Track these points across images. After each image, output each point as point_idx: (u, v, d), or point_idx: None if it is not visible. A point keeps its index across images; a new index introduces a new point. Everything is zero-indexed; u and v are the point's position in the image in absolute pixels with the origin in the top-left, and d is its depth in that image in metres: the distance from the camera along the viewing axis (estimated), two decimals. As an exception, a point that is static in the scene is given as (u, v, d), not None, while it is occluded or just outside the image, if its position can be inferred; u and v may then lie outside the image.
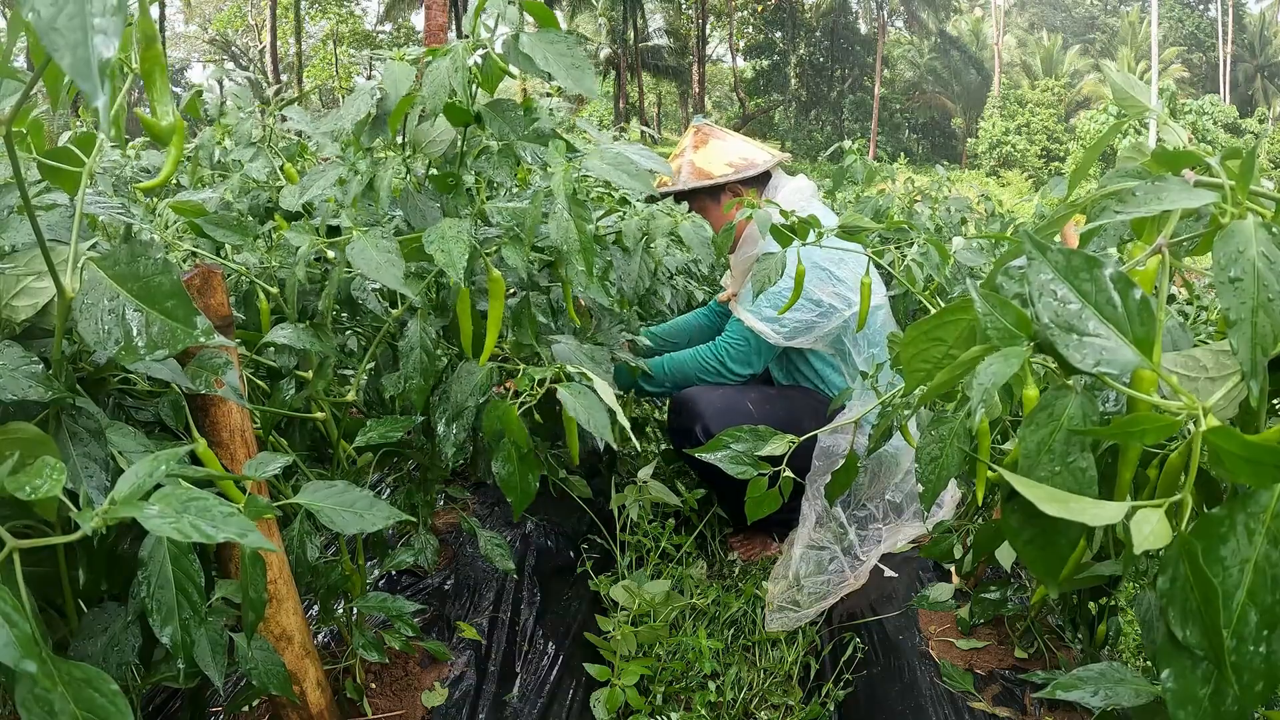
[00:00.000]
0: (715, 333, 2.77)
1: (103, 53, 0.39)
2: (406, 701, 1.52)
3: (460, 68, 1.16)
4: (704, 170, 2.34)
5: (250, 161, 1.68)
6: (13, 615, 0.57)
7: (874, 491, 2.17)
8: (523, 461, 1.23)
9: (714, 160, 2.35)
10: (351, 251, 1.13)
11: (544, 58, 1.13)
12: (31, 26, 0.38)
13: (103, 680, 0.63)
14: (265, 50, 29.64)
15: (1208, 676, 0.60)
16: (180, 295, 0.75)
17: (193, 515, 0.61)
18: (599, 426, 1.15)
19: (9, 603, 0.57)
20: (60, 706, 0.61)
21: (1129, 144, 0.95)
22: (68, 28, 0.39)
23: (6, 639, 0.56)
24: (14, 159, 0.68)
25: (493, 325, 1.33)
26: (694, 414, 2.23)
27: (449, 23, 16.99)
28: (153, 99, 0.73)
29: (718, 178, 2.32)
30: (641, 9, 34.95)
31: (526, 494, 1.25)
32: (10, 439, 0.72)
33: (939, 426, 0.96)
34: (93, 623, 0.91)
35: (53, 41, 0.39)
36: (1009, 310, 0.69)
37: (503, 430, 1.21)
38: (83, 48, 0.39)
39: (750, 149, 2.39)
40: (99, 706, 0.63)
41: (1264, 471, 0.58)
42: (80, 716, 0.62)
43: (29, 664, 0.57)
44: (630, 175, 1.23)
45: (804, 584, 2.03)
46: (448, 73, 1.16)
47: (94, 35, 0.39)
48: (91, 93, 0.39)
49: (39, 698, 0.61)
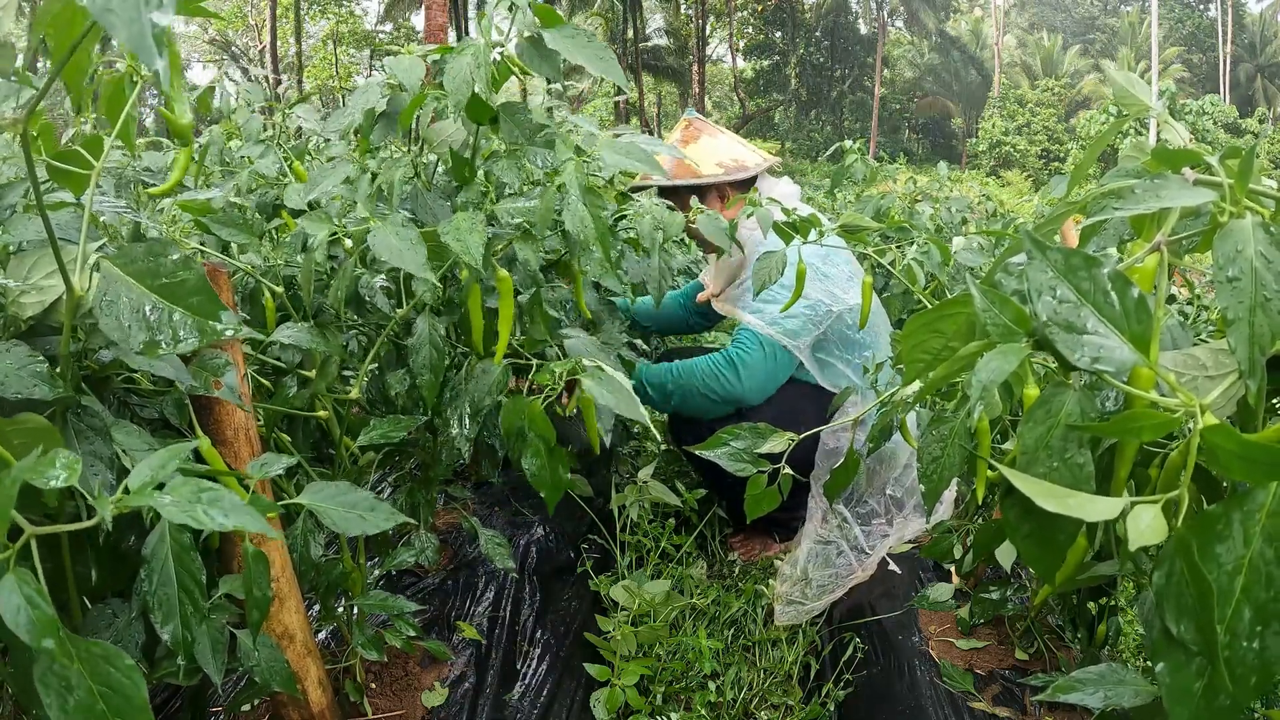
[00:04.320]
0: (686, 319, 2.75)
1: (158, 22, 0.42)
2: (407, 701, 1.53)
3: (484, 64, 1.18)
4: (691, 168, 2.26)
5: (260, 159, 1.68)
6: (34, 597, 0.60)
7: (874, 488, 2.17)
8: (551, 455, 1.24)
9: (703, 158, 2.28)
10: (373, 239, 1.14)
11: (570, 51, 1.16)
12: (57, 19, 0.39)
13: (119, 657, 0.66)
14: (265, 50, 29.65)
15: (1202, 671, 0.61)
16: (206, 290, 0.76)
17: (205, 504, 0.63)
18: (631, 410, 1.16)
19: (31, 585, 0.60)
20: (77, 682, 0.64)
21: (1130, 143, 0.95)
22: (122, 6, 0.42)
23: (29, 619, 0.59)
24: (29, 160, 0.70)
25: (504, 323, 1.34)
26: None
27: (449, 22, 17.00)
28: (170, 98, 0.75)
29: (706, 177, 2.25)
30: (641, 9, 34.97)
31: (558, 487, 1.26)
32: (19, 429, 0.73)
33: (940, 426, 0.97)
34: (97, 619, 0.92)
35: (109, 21, 0.42)
36: (1008, 306, 0.69)
37: (524, 427, 1.22)
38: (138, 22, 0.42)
39: (742, 150, 2.34)
40: (115, 681, 0.65)
41: (1260, 470, 0.58)
42: (97, 691, 0.65)
43: (48, 641, 0.60)
44: (641, 160, 1.24)
45: (812, 578, 2.03)
46: (470, 69, 1.17)
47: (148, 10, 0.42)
48: (149, 61, 0.42)
49: (57, 674, 0.64)
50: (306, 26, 33.04)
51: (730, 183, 2.29)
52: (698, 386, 2.14)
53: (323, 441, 1.51)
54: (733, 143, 2.37)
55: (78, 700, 0.64)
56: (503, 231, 1.36)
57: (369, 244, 1.15)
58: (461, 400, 1.36)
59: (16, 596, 0.59)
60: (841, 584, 2.03)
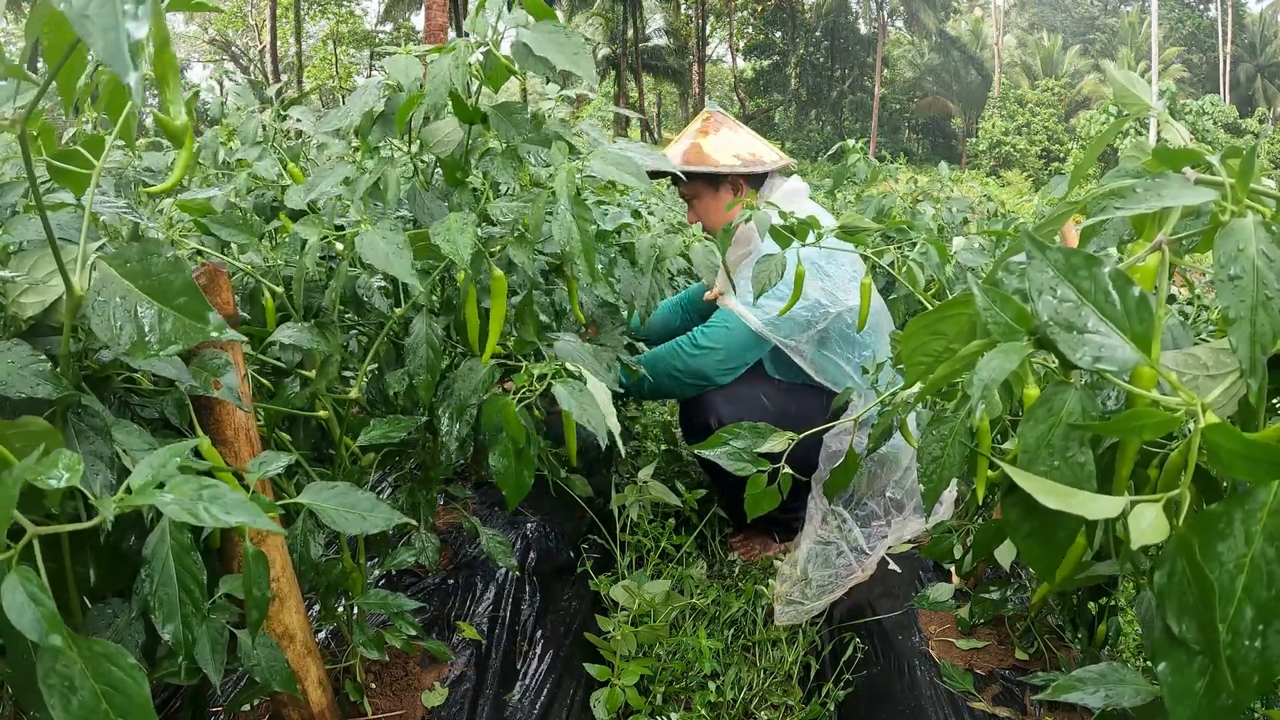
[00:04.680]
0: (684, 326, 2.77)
1: (133, 34, 0.42)
2: (406, 701, 1.53)
3: (462, 64, 1.18)
4: (710, 157, 2.31)
5: (257, 160, 1.68)
6: (39, 595, 0.60)
7: (874, 490, 2.17)
8: (519, 457, 1.26)
9: (721, 149, 2.32)
10: (360, 243, 1.15)
11: (541, 45, 1.15)
12: (51, 21, 0.39)
13: (121, 655, 0.66)
14: (265, 50, 29.66)
15: (1203, 670, 0.61)
16: (192, 292, 0.76)
17: (206, 502, 0.63)
18: (593, 421, 1.17)
19: (34, 583, 0.61)
20: (81, 681, 0.64)
21: (1131, 143, 0.95)
22: (98, 14, 0.42)
23: (34, 616, 0.59)
24: (28, 160, 0.70)
25: (495, 323, 1.34)
26: (705, 404, 2.24)
27: (449, 22, 17.00)
28: (166, 100, 0.75)
29: (722, 167, 2.29)
30: (641, 9, 34.98)
31: (520, 488, 1.27)
32: (21, 432, 0.73)
33: (940, 426, 0.97)
34: (97, 618, 0.92)
35: (85, 28, 0.41)
36: (1009, 305, 0.69)
37: (501, 425, 1.23)
38: (113, 31, 0.41)
39: (760, 145, 2.38)
40: (117, 680, 0.66)
41: (1262, 469, 0.58)
42: (100, 691, 0.65)
43: (55, 638, 0.60)
44: (632, 175, 1.24)
45: (812, 578, 2.04)
46: (449, 69, 1.17)
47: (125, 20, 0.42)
48: (123, 72, 0.42)
49: (60, 674, 0.64)
50: (306, 26, 33.06)
51: (745, 176, 2.32)
52: (664, 368, 2.23)
53: (323, 441, 1.51)
54: (751, 138, 2.40)
55: (81, 700, 0.64)
56: (496, 233, 1.36)
57: (358, 249, 1.15)
58: (451, 399, 1.37)
59: (21, 595, 0.60)
60: (841, 584, 2.03)
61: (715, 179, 2.33)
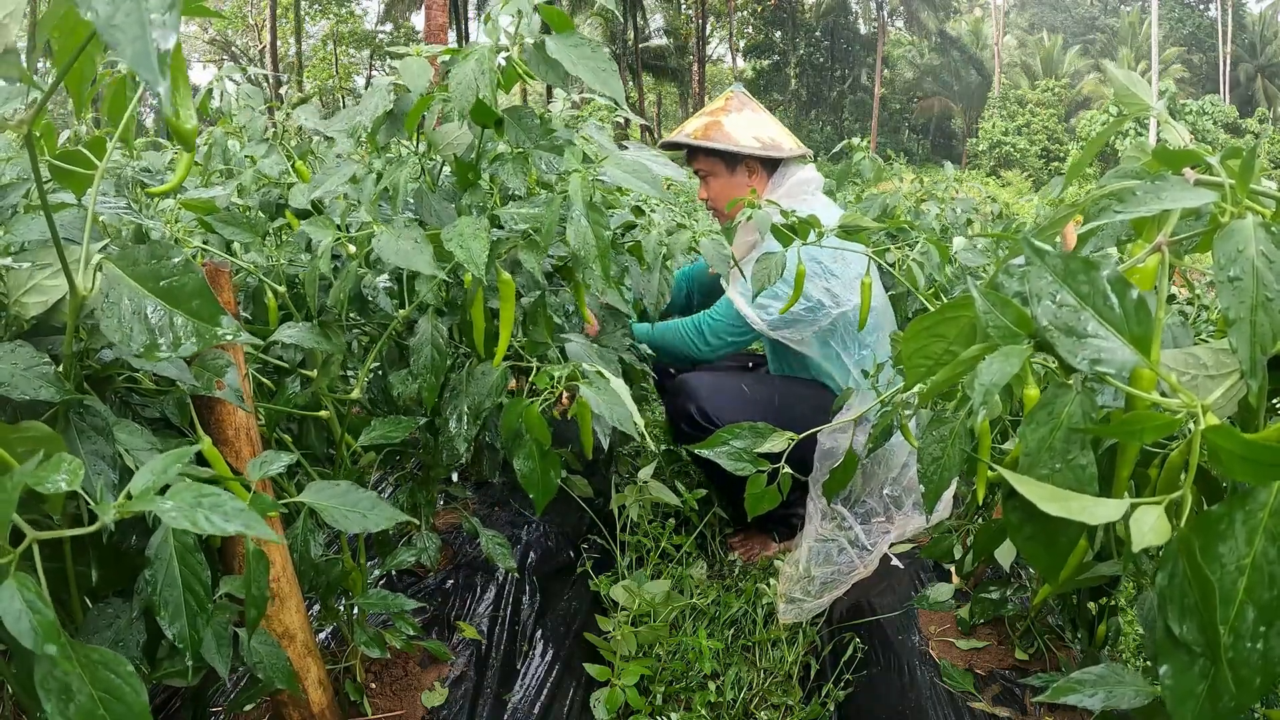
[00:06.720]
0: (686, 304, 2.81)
1: (161, 44, 0.42)
2: (406, 701, 1.53)
3: (488, 70, 1.17)
4: (730, 134, 2.33)
5: (264, 158, 1.68)
6: (36, 602, 0.60)
7: (870, 489, 2.18)
8: (544, 458, 1.26)
9: (742, 129, 2.34)
10: (378, 243, 1.14)
11: (571, 62, 1.15)
12: (61, 25, 0.39)
13: (119, 663, 0.66)
14: (265, 50, 29.64)
15: (1205, 672, 0.61)
16: (205, 294, 0.76)
17: (205, 509, 0.63)
18: (622, 419, 1.17)
19: (32, 590, 0.60)
20: (78, 687, 0.64)
21: (1131, 144, 0.95)
22: (126, 23, 0.41)
23: (30, 624, 0.59)
24: (34, 161, 0.70)
25: (505, 326, 1.35)
26: (689, 394, 2.26)
27: (449, 23, 17.00)
28: (175, 105, 0.75)
29: (742, 146, 2.31)
30: (641, 9, 34.96)
31: (548, 490, 1.27)
32: (23, 437, 0.73)
33: (940, 427, 0.97)
34: (97, 618, 0.92)
35: (113, 37, 0.41)
36: (1009, 308, 0.69)
37: (521, 429, 1.23)
38: (141, 40, 0.41)
39: (780, 132, 2.39)
40: (115, 687, 0.66)
41: (1262, 470, 0.58)
42: (97, 696, 0.65)
43: (51, 647, 0.60)
44: (647, 183, 1.25)
45: (815, 575, 2.04)
46: (475, 74, 1.17)
47: (152, 29, 0.42)
48: (153, 81, 0.42)
49: (58, 680, 0.64)
50: (306, 26, 33.03)
51: (762, 159, 2.33)
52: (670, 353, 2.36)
53: (321, 442, 1.51)
54: (773, 123, 2.41)
55: (78, 706, 0.64)
56: (503, 235, 1.36)
57: (375, 249, 1.15)
58: (460, 400, 1.37)
59: (18, 601, 0.59)
60: (844, 580, 2.03)
61: (732, 158, 2.34)
